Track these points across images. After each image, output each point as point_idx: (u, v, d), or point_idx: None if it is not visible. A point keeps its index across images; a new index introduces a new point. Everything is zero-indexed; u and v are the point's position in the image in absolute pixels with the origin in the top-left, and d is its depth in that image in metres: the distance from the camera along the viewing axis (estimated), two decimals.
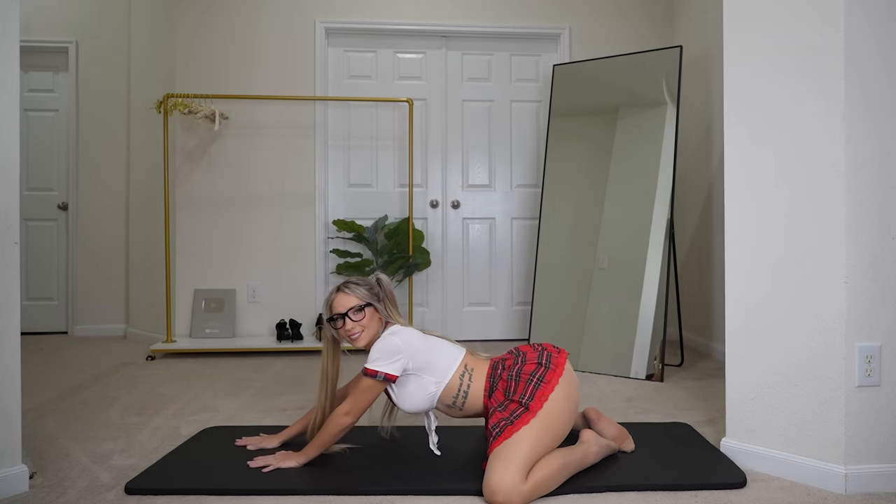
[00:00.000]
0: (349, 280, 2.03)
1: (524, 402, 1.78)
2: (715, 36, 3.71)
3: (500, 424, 1.77)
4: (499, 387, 1.88)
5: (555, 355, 1.90)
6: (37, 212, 4.61)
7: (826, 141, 1.83)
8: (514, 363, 1.90)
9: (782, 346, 1.91)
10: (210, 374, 3.29)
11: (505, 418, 1.77)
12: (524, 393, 1.80)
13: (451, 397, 1.93)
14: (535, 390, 1.80)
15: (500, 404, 1.83)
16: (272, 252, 4.16)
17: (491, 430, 1.79)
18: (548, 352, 1.91)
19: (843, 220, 1.79)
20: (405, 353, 1.88)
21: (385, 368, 1.87)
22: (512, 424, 1.75)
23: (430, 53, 4.36)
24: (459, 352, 1.98)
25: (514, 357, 1.93)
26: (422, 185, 4.34)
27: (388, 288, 2.06)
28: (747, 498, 1.74)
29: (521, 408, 1.78)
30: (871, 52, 1.80)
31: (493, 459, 1.72)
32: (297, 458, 1.92)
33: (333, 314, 1.98)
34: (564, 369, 1.88)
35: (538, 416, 1.76)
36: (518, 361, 1.90)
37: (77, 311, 4.56)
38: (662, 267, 3.27)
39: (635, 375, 3.21)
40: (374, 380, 1.88)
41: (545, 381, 1.82)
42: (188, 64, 4.11)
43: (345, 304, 1.97)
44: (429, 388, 1.91)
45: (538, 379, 1.82)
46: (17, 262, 1.81)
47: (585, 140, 3.69)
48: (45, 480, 1.87)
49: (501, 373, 1.90)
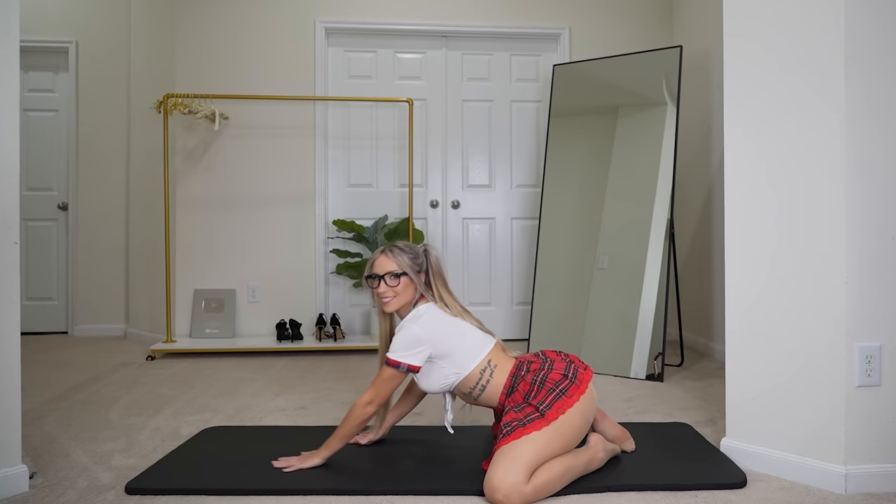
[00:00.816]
0: (396, 244, 2.01)
1: (541, 409, 1.78)
2: (715, 36, 3.70)
3: (512, 424, 1.77)
4: (520, 388, 1.87)
5: (581, 371, 1.89)
6: (37, 212, 4.61)
7: (826, 140, 1.83)
8: (539, 368, 1.89)
9: (782, 346, 1.91)
10: (210, 374, 3.29)
11: (518, 419, 1.77)
12: (543, 400, 1.80)
13: (469, 387, 1.93)
14: (556, 401, 1.79)
15: (516, 405, 1.83)
16: (272, 252, 4.16)
17: (502, 427, 1.79)
18: (575, 365, 1.90)
19: (843, 221, 1.79)
20: (427, 342, 1.87)
21: (408, 360, 1.86)
22: (524, 427, 1.74)
23: (429, 53, 4.36)
24: (486, 344, 1.95)
25: (541, 362, 1.91)
26: (422, 185, 4.35)
27: (436, 262, 2.02)
28: (747, 498, 1.74)
29: (537, 413, 1.78)
30: (872, 52, 1.80)
31: (497, 457, 1.72)
32: (319, 454, 1.91)
33: (372, 273, 1.98)
34: (587, 387, 1.87)
35: (552, 424, 1.75)
36: (544, 367, 1.89)
37: (77, 311, 4.56)
38: (662, 267, 3.27)
39: (635, 375, 3.21)
40: (397, 370, 1.87)
41: (567, 395, 1.81)
42: (188, 64, 4.11)
43: (384, 266, 1.96)
44: (448, 377, 1.91)
45: (561, 391, 1.82)
46: (17, 262, 1.81)
47: (585, 140, 3.69)
48: (45, 480, 1.87)
49: (525, 375, 1.89)
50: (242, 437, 2.23)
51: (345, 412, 2.59)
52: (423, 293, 1.98)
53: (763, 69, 1.95)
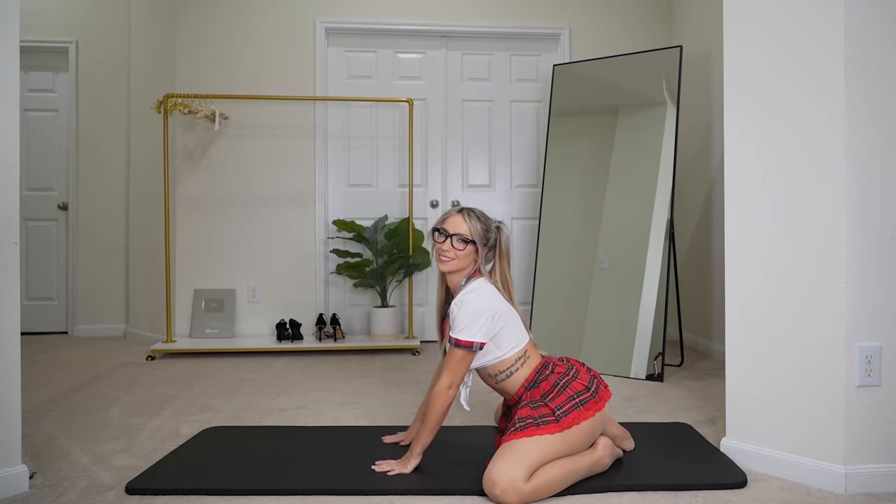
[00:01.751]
0: (475, 210, 2.00)
1: (557, 413, 1.79)
2: (715, 36, 3.70)
3: (526, 421, 1.78)
4: (541, 385, 1.88)
5: (602, 389, 1.91)
6: (37, 212, 4.61)
7: (826, 140, 1.83)
8: (565, 373, 1.90)
9: (782, 346, 1.91)
10: (210, 374, 3.29)
11: (533, 418, 1.78)
12: (562, 405, 1.81)
13: (498, 371, 1.94)
14: (573, 409, 1.80)
15: (533, 401, 1.84)
16: (272, 252, 4.16)
17: (515, 421, 1.80)
18: (598, 381, 1.92)
19: (843, 221, 1.79)
20: (488, 314, 1.87)
21: (477, 337, 1.85)
22: (538, 427, 1.75)
23: (430, 53, 4.36)
24: (525, 335, 1.97)
25: (566, 368, 1.93)
26: (422, 185, 4.34)
27: (505, 240, 2.01)
28: (747, 498, 1.74)
29: (553, 417, 1.79)
30: (872, 52, 1.80)
31: (502, 451, 1.74)
32: (414, 454, 1.89)
33: (441, 228, 1.97)
34: (604, 406, 1.89)
35: (564, 432, 1.77)
36: (569, 373, 1.90)
37: (77, 311, 4.56)
38: (662, 267, 3.27)
39: (635, 375, 3.21)
40: (469, 350, 1.86)
41: (585, 407, 1.82)
42: (188, 64, 4.11)
43: (457, 226, 1.95)
44: (487, 356, 1.92)
45: (581, 401, 1.83)
46: (17, 262, 1.81)
47: (585, 140, 3.69)
48: (45, 480, 1.87)
49: (549, 375, 1.90)
50: (242, 437, 2.22)
51: (345, 412, 2.59)
52: (479, 267, 1.98)
53: (763, 70, 1.95)
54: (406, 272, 3.99)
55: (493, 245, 1.99)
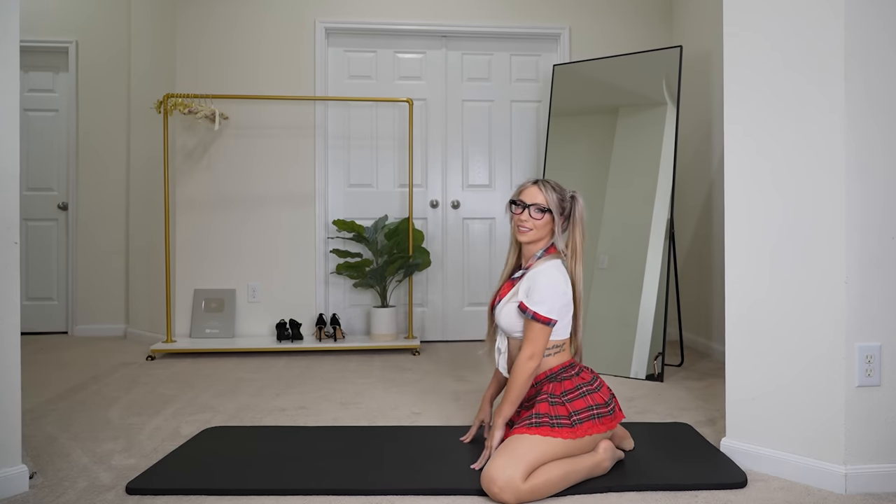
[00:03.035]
0: (549, 180, 2.04)
1: (573, 419, 1.81)
2: (715, 36, 3.70)
3: (542, 417, 1.79)
4: (563, 383, 1.90)
5: (617, 411, 1.93)
6: (37, 212, 4.61)
7: (827, 140, 1.83)
8: (590, 381, 1.92)
9: (782, 346, 1.91)
10: (210, 374, 3.29)
11: (549, 416, 1.80)
12: (579, 412, 1.82)
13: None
14: (589, 420, 1.83)
15: (552, 395, 1.86)
16: (272, 252, 4.16)
17: (532, 415, 1.81)
18: (615, 401, 1.94)
19: (844, 220, 1.79)
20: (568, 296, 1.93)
21: (553, 314, 1.89)
22: (552, 428, 1.77)
23: (430, 53, 4.36)
24: (567, 331, 2.00)
25: (592, 377, 1.95)
26: (422, 185, 4.34)
27: (581, 210, 2.03)
28: (747, 498, 1.74)
29: (568, 421, 1.80)
30: (873, 50, 1.80)
31: (503, 447, 1.75)
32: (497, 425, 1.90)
33: (519, 199, 2.00)
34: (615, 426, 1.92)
35: (574, 440, 1.78)
36: (593, 383, 1.92)
37: (77, 311, 4.56)
38: (662, 267, 3.27)
39: (635, 375, 3.21)
40: (547, 326, 1.89)
41: (601, 422, 1.85)
42: (188, 64, 4.11)
43: (533, 197, 1.99)
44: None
45: (598, 414, 1.85)
46: (17, 262, 1.81)
47: (585, 140, 3.69)
48: (45, 480, 1.87)
49: (573, 376, 1.92)
50: (242, 437, 2.22)
51: (344, 412, 2.59)
52: (555, 241, 2.00)
53: (763, 67, 1.95)
54: (406, 272, 3.99)
55: (567, 214, 2.02)
